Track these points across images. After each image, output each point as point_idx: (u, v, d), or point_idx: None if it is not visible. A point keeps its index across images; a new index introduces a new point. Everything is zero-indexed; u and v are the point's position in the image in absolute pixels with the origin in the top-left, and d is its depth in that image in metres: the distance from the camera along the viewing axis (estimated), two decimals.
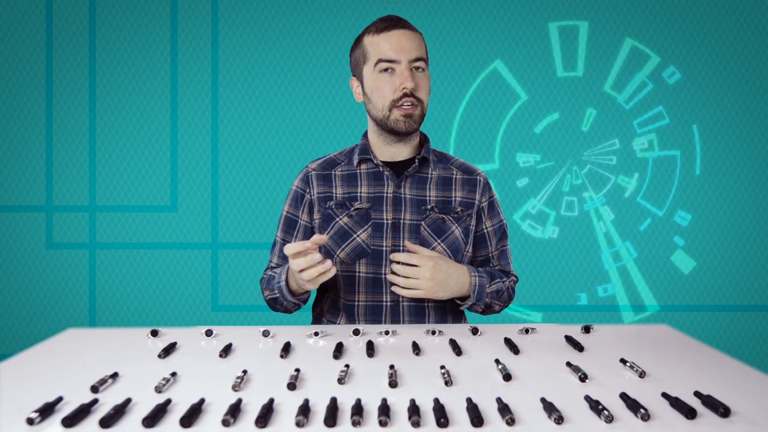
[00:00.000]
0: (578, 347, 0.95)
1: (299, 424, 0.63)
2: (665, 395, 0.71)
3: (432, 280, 1.13)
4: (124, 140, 2.57)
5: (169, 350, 0.93)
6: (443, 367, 0.81)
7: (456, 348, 0.93)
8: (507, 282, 1.29)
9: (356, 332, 1.04)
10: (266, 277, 1.31)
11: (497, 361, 0.84)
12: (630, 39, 2.58)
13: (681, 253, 2.59)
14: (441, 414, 0.64)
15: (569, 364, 0.84)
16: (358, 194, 1.27)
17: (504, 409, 0.66)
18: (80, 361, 0.89)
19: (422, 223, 1.25)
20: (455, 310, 1.30)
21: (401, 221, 1.24)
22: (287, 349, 0.93)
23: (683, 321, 2.58)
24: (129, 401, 0.69)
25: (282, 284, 1.18)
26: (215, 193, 2.59)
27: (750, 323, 2.58)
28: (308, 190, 1.30)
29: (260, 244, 2.58)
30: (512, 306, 2.55)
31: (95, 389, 0.74)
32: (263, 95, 2.59)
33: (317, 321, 1.34)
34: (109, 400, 0.71)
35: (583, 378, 0.79)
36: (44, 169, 2.56)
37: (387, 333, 1.06)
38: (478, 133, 2.61)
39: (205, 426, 0.64)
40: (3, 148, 2.55)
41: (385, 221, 1.24)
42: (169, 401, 0.69)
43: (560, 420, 0.64)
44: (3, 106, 2.55)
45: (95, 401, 0.69)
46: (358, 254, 1.23)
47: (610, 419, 0.65)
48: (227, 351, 0.92)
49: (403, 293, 1.14)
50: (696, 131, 2.58)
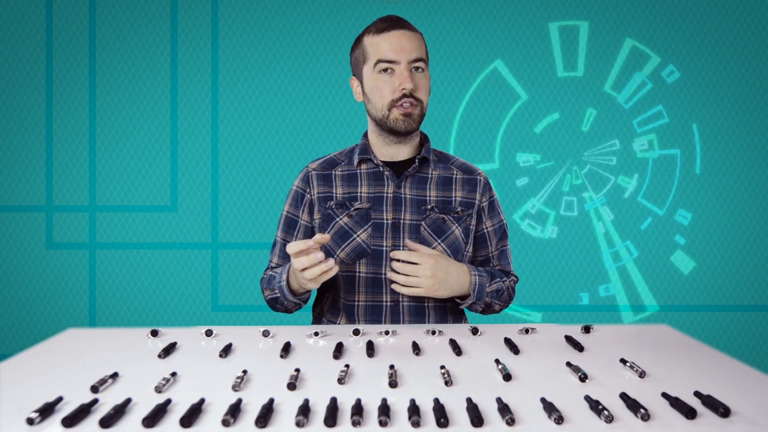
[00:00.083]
0: (578, 347, 0.95)
1: (299, 424, 0.63)
2: (665, 395, 0.71)
3: (432, 278, 1.13)
4: (124, 140, 2.57)
5: (169, 350, 0.93)
6: (443, 367, 0.81)
7: (456, 348, 0.93)
8: (507, 282, 1.29)
9: (356, 332, 1.04)
10: (266, 277, 1.31)
11: (497, 361, 0.84)
12: (630, 39, 2.58)
13: (681, 254, 2.59)
14: (441, 414, 0.64)
15: (569, 364, 0.84)
16: (359, 194, 1.27)
17: (504, 409, 0.66)
18: (80, 361, 0.89)
19: (422, 223, 1.25)
20: (455, 310, 1.30)
21: (401, 221, 1.24)
22: (287, 349, 0.93)
23: (683, 321, 2.58)
24: (129, 401, 0.69)
25: (283, 284, 1.18)
26: (215, 193, 2.59)
27: (750, 323, 2.58)
28: (308, 190, 1.30)
29: (260, 244, 2.58)
30: (512, 306, 2.55)
31: (95, 389, 0.74)
32: (263, 95, 2.59)
33: (317, 321, 1.34)
34: (109, 400, 0.71)
35: (583, 378, 0.79)
36: (44, 169, 2.56)
37: (387, 333, 1.06)
38: (478, 133, 2.61)
39: (205, 426, 0.64)
40: (3, 148, 2.55)
41: (385, 221, 1.24)
42: (169, 401, 0.69)
43: (560, 420, 0.64)
44: (3, 106, 2.55)
45: (95, 401, 0.69)
46: (359, 254, 1.23)
47: (610, 419, 0.65)
48: (227, 351, 0.92)
49: (403, 291, 1.14)
50: (696, 130, 2.58)
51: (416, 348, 0.93)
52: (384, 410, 0.65)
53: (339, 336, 1.04)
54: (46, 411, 0.66)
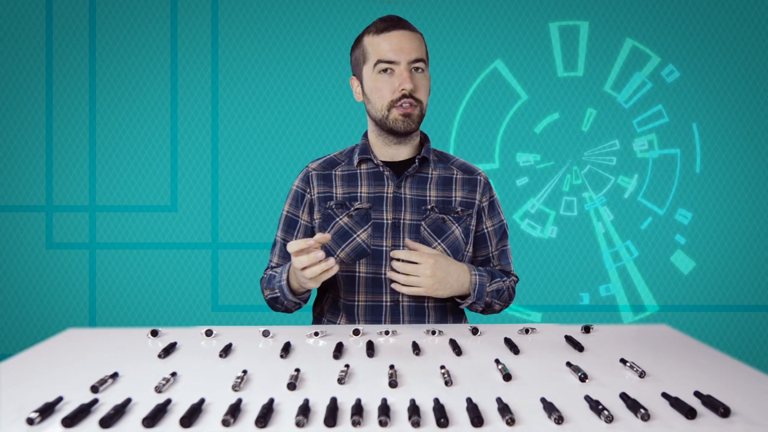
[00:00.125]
0: (578, 347, 0.95)
1: (299, 424, 0.63)
2: (665, 395, 0.71)
3: (432, 278, 1.12)
4: (124, 140, 2.57)
5: (169, 350, 0.93)
6: (443, 367, 0.81)
7: (456, 348, 0.93)
8: (507, 282, 1.29)
9: (356, 332, 1.04)
10: (266, 277, 1.31)
11: (497, 361, 0.84)
12: (630, 39, 2.58)
13: (681, 254, 2.59)
14: (441, 414, 0.64)
15: (569, 364, 0.84)
16: (359, 194, 1.27)
17: (504, 409, 0.66)
18: (80, 361, 0.89)
19: (422, 223, 1.25)
20: (455, 310, 1.30)
21: (401, 221, 1.24)
22: (287, 349, 0.93)
23: (683, 321, 2.58)
24: (129, 401, 0.69)
25: (283, 283, 1.18)
26: (215, 193, 2.59)
27: (750, 323, 2.58)
28: (308, 190, 1.30)
29: (260, 244, 2.58)
30: (512, 306, 2.55)
31: (95, 389, 0.74)
32: (263, 95, 2.59)
33: (317, 321, 1.34)
34: (109, 400, 0.71)
35: (583, 378, 0.79)
36: (44, 169, 2.56)
37: (387, 333, 1.06)
38: (478, 133, 2.61)
39: (205, 426, 0.64)
40: (3, 148, 2.55)
41: (385, 221, 1.24)
42: (169, 401, 0.69)
43: (560, 420, 0.64)
44: (3, 106, 2.55)
45: (95, 401, 0.69)
46: (359, 254, 1.23)
47: (610, 419, 0.65)
48: (227, 351, 0.92)
49: (403, 290, 1.14)
50: (696, 129, 2.58)
51: (416, 348, 0.93)
52: (384, 410, 0.65)
53: (339, 336, 1.04)
54: (46, 411, 0.66)
